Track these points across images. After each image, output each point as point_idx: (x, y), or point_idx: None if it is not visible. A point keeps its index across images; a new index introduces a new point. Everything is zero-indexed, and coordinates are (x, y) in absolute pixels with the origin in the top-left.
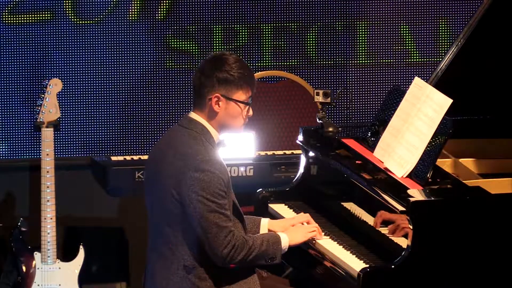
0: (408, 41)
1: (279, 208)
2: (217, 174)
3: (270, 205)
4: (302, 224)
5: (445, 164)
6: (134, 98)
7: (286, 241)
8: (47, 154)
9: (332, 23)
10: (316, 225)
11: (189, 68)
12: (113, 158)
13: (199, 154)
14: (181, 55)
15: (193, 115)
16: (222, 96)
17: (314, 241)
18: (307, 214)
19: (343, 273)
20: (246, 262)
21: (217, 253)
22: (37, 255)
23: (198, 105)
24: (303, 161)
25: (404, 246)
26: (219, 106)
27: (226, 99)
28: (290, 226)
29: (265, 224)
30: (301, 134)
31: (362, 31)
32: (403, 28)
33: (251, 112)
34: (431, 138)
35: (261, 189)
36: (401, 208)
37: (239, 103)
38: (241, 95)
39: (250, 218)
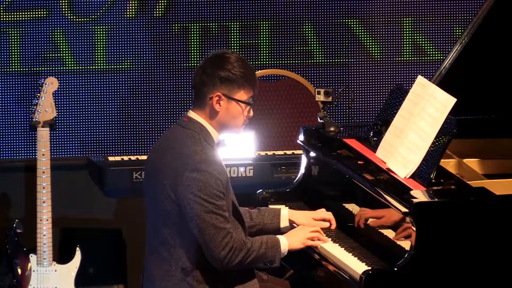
0: (411, 39)
1: None
2: (215, 175)
3: (270, 206)
4: (324, 220)
5: (449, 164)
6: (131, 97)
7: (285, 244)
8: (43, 154)
9: (333, 20)
10: (319, 229)
11: (187, 67)
12: (110, 158)
13: (197, 154)
14: (179, 54)
15: (192, 114)
16: (224, 96)
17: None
18: (330, 213)
19: (344, 275)
20: (244, 264)
21: (214, 255)
22: (32, 257)
23: (198, 104)
24: (304, 161)
25: (407, 248)
26: (220, 106)
27: (228, 98)
28: (313, 220)
29: (286, 214)
30: (302, 133)
31: (364, 29)
32: (406, 26)
33: (251, 113)
34: (435, 138)
35: (261, 190)
36: (404, 209)
37: (240, 103)
38: (242, 95)
39: (270, 210)
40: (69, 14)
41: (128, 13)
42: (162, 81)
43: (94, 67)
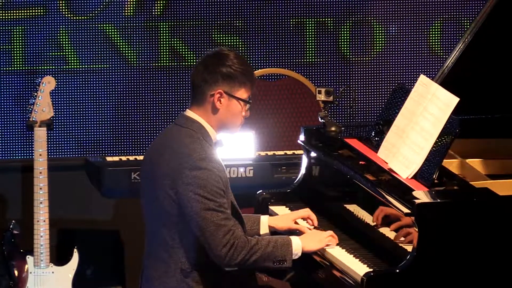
0: (414, 37)
1: (280, 210)
2: (215, 172)
3: (270, 207)
4: (304, 219)
5: (452, 164)
6: (129, 96)
7: (298, 245)
8: (40, 155)
9: (334, 19)
10: (331, 232)
11: (186, 66)
12: (108, 158)
13: (196, 152)
14: (178, 52)
15: (190, 113)
16: (225, 93)
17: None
18: (307, 209)
19: (346, 277)
20: (249, 262)
21: (215, 252)
22: (29, 258)
23: (197, 102)
24: (304, 161)
25: (409, 249)
26: (220, 103)
27: (229, 96)
28: (292, 222)
29: (265, 221)
30: (303, 133)
31: (365, 28)
32: (408, 24)
33: (248, 113)
34: (437, 138)
35: (261, 191)
36: (406, 210)
37: (240, 101)
38: (243, 93)
39: (249, 217)
40: (66, 13)
41: (126, 11)
42: (160, 81)
43: (92, 66)
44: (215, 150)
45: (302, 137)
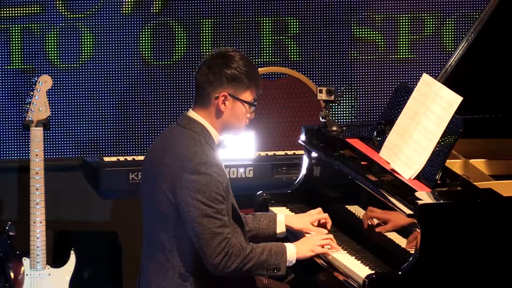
0: (416, 36)
1: (281, 211)
2: (215, 177)
3: (271, 208)
4: (320, 222)
5: (455, 165)
6: (128, 96)
7: (293, 252)
8: (37, 155)
9: (335, 17)
10: (331, 236)
11: (185, 65)
12: (106, 158)
13: (197, 156)
14: (178, 52)
15: (193, 113)
16: (230, 96)
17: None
18: (326, 214)
19: (347, 279)
20: (243, 271)
21: (209, 260)
22: (26, 260)
23: (200, 103)
24: (305, 162)
25: (412, 251)
26: (225, 106)
27: (233, 98)
28: (309, 224)
29: (282, 220)
30: (304, 133)
31: (367, 26)
32: (410, 22)
33: (253, 115)
34: (440, 138)
35: (261, 192)
36: (408, 211)
37: (245, 104)
38: (248, 96)
39: (266, 215)
40: (63, 10)
41: (124, 9)
42: (159, 80)
43: (89, 65)
44: (216, 153)
45: (303, 137)
